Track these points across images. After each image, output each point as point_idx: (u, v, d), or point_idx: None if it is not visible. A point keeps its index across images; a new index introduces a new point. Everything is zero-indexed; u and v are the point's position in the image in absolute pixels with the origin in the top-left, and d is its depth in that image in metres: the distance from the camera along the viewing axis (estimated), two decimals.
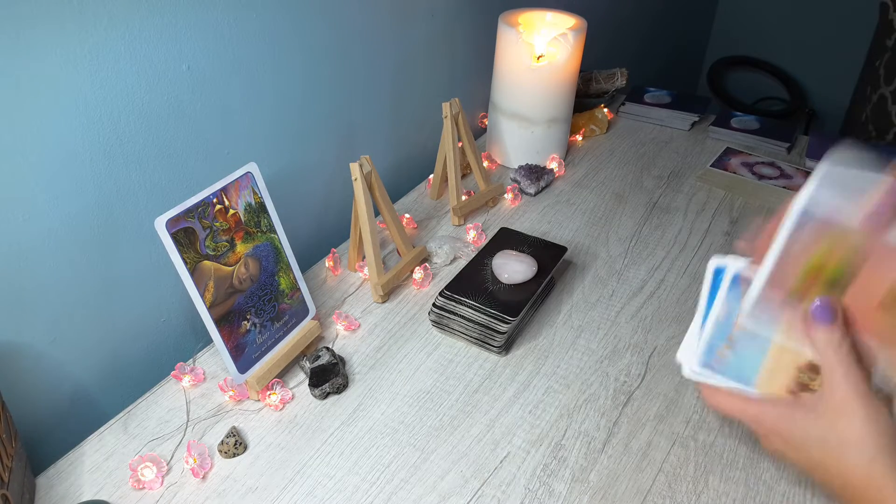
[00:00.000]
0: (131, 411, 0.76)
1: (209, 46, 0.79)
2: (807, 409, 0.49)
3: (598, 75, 1.41)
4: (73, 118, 0.69)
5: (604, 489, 0.69)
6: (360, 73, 1.04)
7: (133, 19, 0.71)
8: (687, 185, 1.20)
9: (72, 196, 0.71)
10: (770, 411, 0.51)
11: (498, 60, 1.17)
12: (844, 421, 0.47)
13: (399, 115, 1.17)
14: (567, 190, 1.18)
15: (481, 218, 1.10)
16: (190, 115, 0.80)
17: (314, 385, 0.77)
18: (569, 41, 1.10)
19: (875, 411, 0.46)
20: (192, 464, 0.68)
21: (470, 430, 0.74)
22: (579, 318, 0.90)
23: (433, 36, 1.17)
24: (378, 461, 0.71)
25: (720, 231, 1.08)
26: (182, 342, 0.89)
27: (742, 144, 1.32)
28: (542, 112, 1.17)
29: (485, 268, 0.89)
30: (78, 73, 0.68)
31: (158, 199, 0.80)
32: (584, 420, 0.76)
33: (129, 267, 0.80)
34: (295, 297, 0.82)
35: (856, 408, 0.47)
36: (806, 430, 0.49)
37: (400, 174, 1.20)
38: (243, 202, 0.76)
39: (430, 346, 0.85)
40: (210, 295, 0.72)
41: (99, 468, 0.70)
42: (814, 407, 0.49)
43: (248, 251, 0.76)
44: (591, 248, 1.03)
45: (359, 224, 0.91)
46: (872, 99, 1.76)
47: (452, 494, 0.68)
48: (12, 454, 0.62)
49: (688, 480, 0.70)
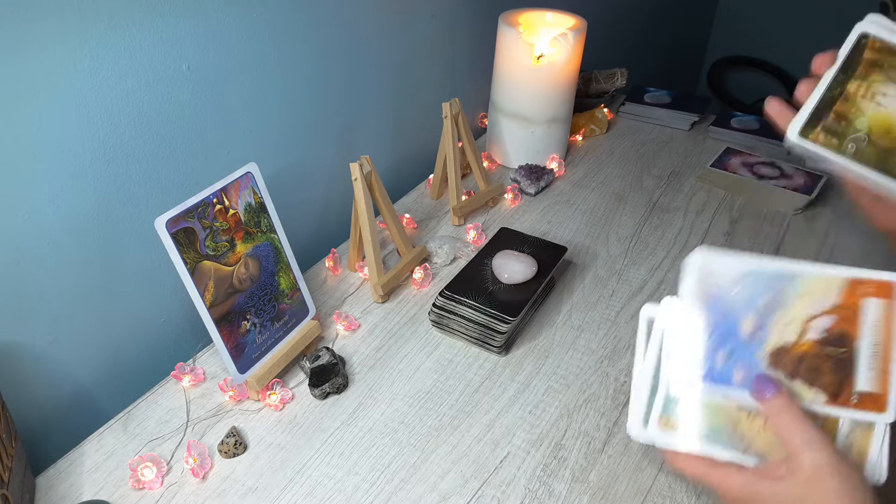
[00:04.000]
0: (131, 411, 0.76)
1: (209, 46, 0.79)
2: (775, 479, 0.48)
3: (598, 75, 1.41)
4: (73, 118, 0.69)
5: (604, 489, 0.69)
6: (361, 73, 1.04)
7: (133, 19, 0.71)
8: (687, 185, 1.20)
9: (72, 196, 0.71)
10: (735, 478, 0.50)
11: (498, 60, 1.17)
12: (818, 489, 0.46)
13: (399, 115, 1.17)
14: (567, 190, 1.18)
15: (481, 218, 1.10)
16: (190, 115, 0.80)
17: (314, 385, 0.77)
18: (569, 41, 1.10)
19: (847, 473, 0.46)
20: (192, 464, 0.68)
21: (470, 430, 0.74)
22: (579, 318, 0.90)
23: (433, 36, 1.17)
24: (378, 461, 0.71)
25: (720, 231, 1.08)
26: (182, 342, 0.89)
27: (742, 144, 1.32)
28: (542, 112, 1.17)
29: (485, 268, 0.89)
30: (78, 72, 0.68)
31: (158, 199, 0.80)
32: (584, 420, 0.76)
33: (129, 267, 0.80)
34: (295, 297, 0.82)
35: (826, 478, 0.46)
36: (776, 499, 0.48)
37: (400, 174, 1.20)
38: (243, 202, 0.76)
39: (430, 346, 0.85)
40: (210, 295, 0.72)
41: (99, 468, 0.70)
42: (785, 475, 0.47)
43: (248, 251, 0.76)
44: (591, 248, 1.03)
45: (359, 224, 0.91)
46: None
47: (452, 494, 0.68)
48: (12, 454, 0.62)
49: (688, 480, 0.70)
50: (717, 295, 0.52)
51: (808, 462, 0.46)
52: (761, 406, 0.50)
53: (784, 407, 0.48)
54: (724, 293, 0.52)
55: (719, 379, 0.51)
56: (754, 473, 0.49)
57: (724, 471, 0.50)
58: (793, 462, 0.47)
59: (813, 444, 0.47)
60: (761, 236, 1.07)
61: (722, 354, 0.52)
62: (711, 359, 0.52)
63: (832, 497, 0.45)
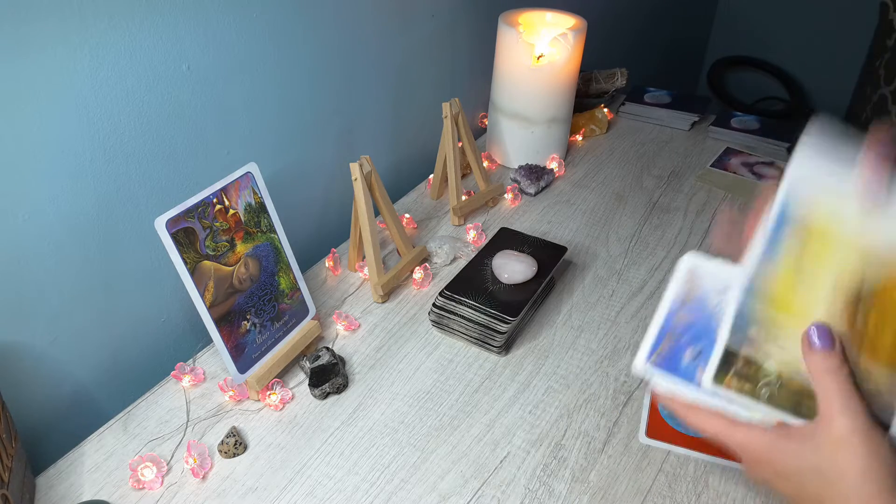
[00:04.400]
0: (131, 411, 0.76)
1: (209, 46, 0.79)
2: (801, 440, 0.47)
3: (598, 75, 1.41)
4: (73, 118, 0.69)
5: (604, 489, 0.69)
6: (361, 73, 1.04)
7: (133, 19, 0.71)
8: (687, 185, 1.20)
9: (72, 196, 0.71)
10: (759, 439, 0.48)
11: (498, 60, 1.17)
12: (844, 455, 0.44)
13: (399, 115, 1.17)
14: (567, 190, 1.18)
15: (481, 218, 1.10)
16: (190, 115, 0.80)
17: (314, 385, 0.77)
18: (569, 41, 1.10)
19: (877, 445, 0.44)
20: (192, 464, 0.68)
21: (470, 430, 0.74)
22: (579, 318, 0.90)
23: (433, 36, 1.17)
24: (378, 461, 0.71)
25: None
26: (182, 342, 0.89)
27: (742, 144, 1.32)
28: (542, 112, 1.17)
29: (485, 268, 0.89)
30: (78, 72, 0.68)
31: (158, 199, 0.80)
32: (584, 420, 0.76)
33: (129, 267, 0.80)
34: (295, 297, 0.82)
35: (856, 441, 0.44)
36: (800, 462, 0.46)
37: (400, 174, 1.20)
38: (243, 202, 0.76)
39: (430, 346, 0.85)
40: (210, 295, 0.72)
41: (99, 468, 0.70)
42: (809, 438, 0.46)
43: (248, 251, 0.76)
44: (591, 248, 1.04)
45: (359, 224, 0.91)
46: (872, 99, 1.76)
47: (452, 494, 0.68)
48: (12, 454, 0.62)
49: (688, 480, 0.70)
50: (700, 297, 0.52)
51: (839, 426, 0.45)
52: (807, 357, 0.47)
53: (833, 369, 0.46)
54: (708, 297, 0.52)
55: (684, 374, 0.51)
56: (779, 433, 0.48)
57: (747, 429, 0.49)
58: (824, 423, 0.46)
59: (849, 410, 0.45)
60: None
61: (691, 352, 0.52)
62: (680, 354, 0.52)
63: (857, 463, 0.44)
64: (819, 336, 0.47)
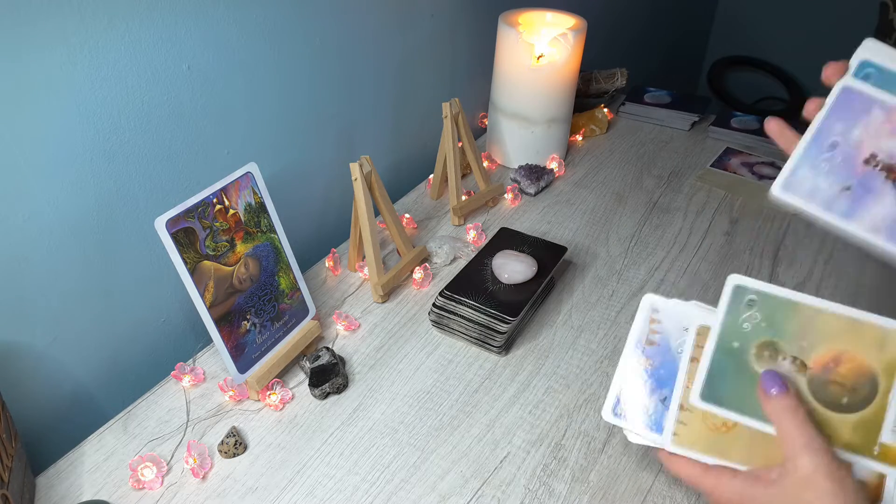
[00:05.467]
0: (131, 411, 0.76)
1: (209, 46, 0.79)
2: (767, 484, 0.48)
3: (598, 75, 1.41)
4: (72, 118, 0.69)
5: (604, 489, 0.69)
6: (361, 73, 1.04)
7: (133, 19, 0.71)
8: (687, 185, 1.20)
9: (72, 196, 0.71)
10: (728, 484, 0.50)
11: (498, 60, 1.17)
12: (810, 494, 0.45)
13: (399, 115, 1.17)
14: (567, 190, 1.18)
15: (481, 218, 1.10)
16: (190, 115, 0.80)
17: (314, 385, 0.77)
18: (569, 41, 1.10)
19: (841, 481, 0.45)
20: (192, 464, 0.68)
21: (470, 430, 0.74)
22: (579, 318, 0.90)
23: (433, 36, 1.17)
24: (378, 461, 0.71)
25: (720, 231, 1.08)
26: (182, 342, 0.89)
27: (742, 144, 1.32)
28: (542, 112, 1.17)
29: (485, 268, 0.89)
30: (78, 72, 0.68)
31: (158, 199, 0.80)
32: (584, 420, 0.76)
33: (129, 267, 0.80)
34: (295, 297, 0.82)
35: (820, 479, 0.45)
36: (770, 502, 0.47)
37: (400, 174, 1.20)
38: (243, 202, 0.76)
39: (430, 346, 0.85)
40: (210, 295, 0.72)
41: (99, 468, 0.70)
42: (776, 481, 0.47)
43: (248, 251, 0.76)
44: (591, 248, 1.03)
45: (359, 224, 0.91)
46: None
47: (452, 494, 0.68)
48: (12, 454, 0.62)
49: (683, 483, 0.69)
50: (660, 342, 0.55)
51: (804, 464, 0.46)
52: (764, 403, 0.49)
53: (789, 408, 0.48)
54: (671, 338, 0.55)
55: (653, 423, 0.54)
56: (747, 478, 0.49)
57: (717, 475, 0.50)
58: (789, 464, 0.47)
59: (812, 447, 0.46)
60: (761, 236, 1.07)
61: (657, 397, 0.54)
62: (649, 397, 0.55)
63: (826, 499, 0.45)
64: (771, 382, 0.49)
